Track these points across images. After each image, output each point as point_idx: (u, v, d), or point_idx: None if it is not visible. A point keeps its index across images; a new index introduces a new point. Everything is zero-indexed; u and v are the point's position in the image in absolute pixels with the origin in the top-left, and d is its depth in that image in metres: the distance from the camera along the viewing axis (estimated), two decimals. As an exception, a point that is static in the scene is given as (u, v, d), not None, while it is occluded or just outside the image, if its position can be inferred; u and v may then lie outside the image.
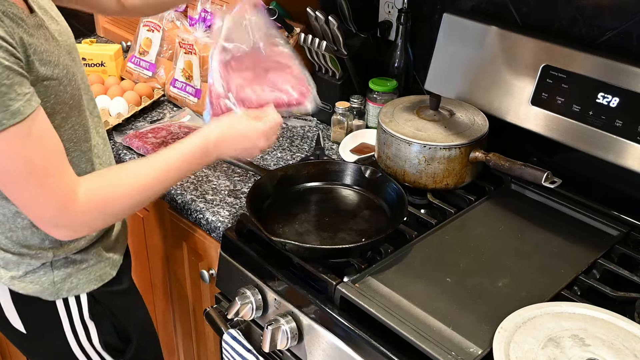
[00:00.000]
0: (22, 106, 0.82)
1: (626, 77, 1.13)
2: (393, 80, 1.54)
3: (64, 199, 0.89)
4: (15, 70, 0.82)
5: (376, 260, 1.07)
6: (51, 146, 0.89)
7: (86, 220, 0.93)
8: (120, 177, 0.97)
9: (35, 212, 0.91)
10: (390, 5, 1.56)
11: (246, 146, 1.09)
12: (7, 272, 1.06)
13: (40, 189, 0.87)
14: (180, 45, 1.71)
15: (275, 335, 1.04)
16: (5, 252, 1.05)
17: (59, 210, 0.90)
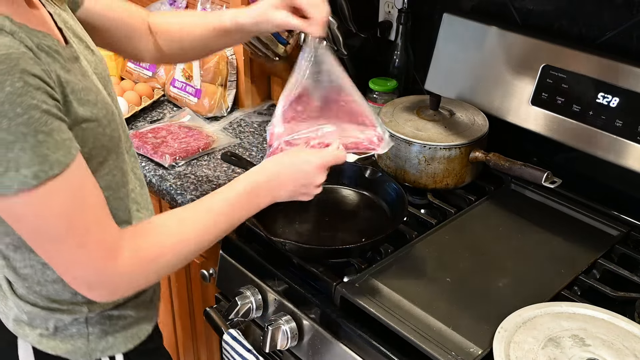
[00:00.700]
0: (62, 155, 0.72)
1: (626, 77, 1.13)
2: (393, 80, 1.54)
3: (105, 259, 0.78)
4: (54, 114, 0.72)
5: (376, 260, 1.07)
6: (93, 198, 0.78)
7: (127, 280, 0.82)
8: (167, 228, 0.86)
9: (71, 273, 0.80)
10: (390, 5, 1.56)
11: (303, 182, 0.96)
12: (33, 329, 0.93)
13: (80, 248, 0.76)
14: (180, 45, 1.71)
15: (275, 335, 1.04)
16: (32, 306, 0.92)
17: (99, 271, 0.79)
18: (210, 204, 0.90)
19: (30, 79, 0.69)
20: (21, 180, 0.69)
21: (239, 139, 1.56)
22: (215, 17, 1.09)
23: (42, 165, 0.70)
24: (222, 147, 1.52)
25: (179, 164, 1.44)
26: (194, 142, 1.51)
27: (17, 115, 0.67)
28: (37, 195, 0.71)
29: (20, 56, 0.68)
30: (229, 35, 1.09)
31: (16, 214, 0.74)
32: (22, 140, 0.68)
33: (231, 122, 1.65)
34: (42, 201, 0.72)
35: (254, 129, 1.62)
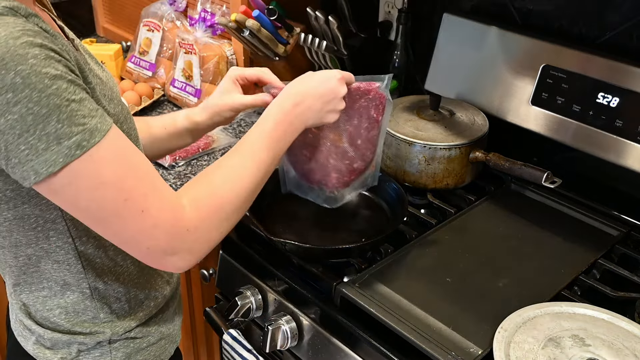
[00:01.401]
0: (100, 122, 0.70)
1: (626, 77, 1.13)
2: (393, 80, 1.54)
3: (171, 219, 0.75)
4: (80, 85, 0.70)
5: (376, 260, 1.07)
6: (141, 162, 0.75)
7: (200, 235, 0.79)
8: (218, 176, 0.84)
9: (143, 244, 0.76)
10: (390, 5, 1.56)
11: (328, 98, 0.93)
12: (55, 353, 0.91)
13: (144, 214, 0.73)
14: (180, 45, 1.71)
15: (275, 335, 1.04)
16: (53, 332, 0.89)
17: (169, 233, 0.76)
18: (250, 144, 0.88)
19: (50, 52, 0.67)
20: (65, 153, 0.67)
21: (239, 139, 1.56)
22: (169, 118, 1.09)
23: (83, 134, 0.67)
24: (222, 147, 1.52)
25: (178, 164, 1.44)
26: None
27: (46, 86, 0.65)
28: (85, 165, 0.68)
29: (37, 33, 0.67)
30: (182, 136, 1.09)
31: (69, 193, 0.70)
32: (56, 111, 0.66)
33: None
34: (92, 171, 0.69)
35: (254, 129, 1.62)
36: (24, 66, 0.64)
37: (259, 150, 0.88)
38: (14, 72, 0.63)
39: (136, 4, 1.98)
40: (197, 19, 1.72)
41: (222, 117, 1.05)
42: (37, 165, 0.67)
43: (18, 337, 0.95)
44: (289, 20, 1.52)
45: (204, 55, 1.65)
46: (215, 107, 1.04)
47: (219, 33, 1.71)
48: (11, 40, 0.64)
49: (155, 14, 1.83)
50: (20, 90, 0.64)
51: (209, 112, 1.05)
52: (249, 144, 0.88)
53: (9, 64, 0.63)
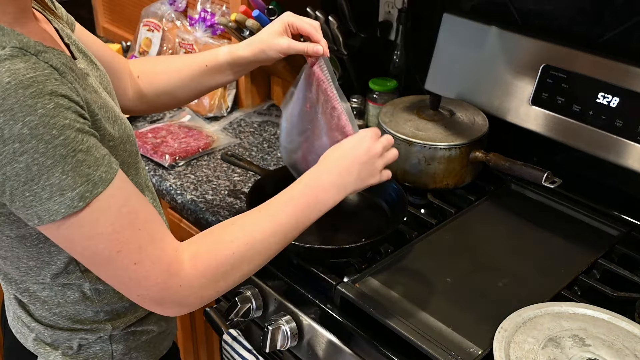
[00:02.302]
0: (104, 172, 0.70)
1: (626, 77, 1.13)
2: (393, 80, 1.53)
3: (165, 274, 0.75)
4: (88, 131, 0.70)
5: (376, 260, 1.07)
6: (142, 212, 0.75)
7: (195, 292, 0.78)
8: (227, 232, 0.81)
9: (134, 292, 0.76)
10: (390, 5, 1.56)
11: (365, 158, 0.90)
12: (55, 349, 0.92)
13: (136, 265, 0.74)
14: (180, 45, 1.71)
15: (275, 335, 1.04)
16: (53, 329, 0.90)
17: (161, 287, 0.75)
18: (272, 206, 0.85)
19: (60, 99, 0.67)
20: (68, 204, 0.68)
21: (239, 139, 1.56)
22: (208, 55, 1.08)
23: (87, 185, 0.68)
24: (222, 147, 1.52)
25: (178, 164, 1.44)
26: (193, 142, 1.51)
27: (53, 137, 0.65)
28: (85, 216, 0.69)
29: (47, 77, 0.67)
30: (224, 72, 1.07)
31: (67, 238, 0.71)
32: (61, 162, 0.66)
33: (231, 122, 1.65)
34: (90, 223, 0.70)
35: (254, 129, 1.62)
36: (33, 117, 0.64)
37: (279, 213, 0.84)
38: (22, 123, 0.64)
39: (136, 4, 1.98)
40: (197, 19, 1.72)
41: (267, 55, 1.02)
42: (40, 212, 0.68)
43: (17, 335, 0.95)
44: (289, 20, 1.52)
45: (204, 55, 1.65)
46: (262, 44, 1.01)
47: (219, 33, 1.71)
48: (21, 90, 0.64)
49: (155, 14, 1.83)
50: (27, 141, 0.64)
51: (254, 48, 1.02)
52: (271, 205, 0.85)
53: (18, 114, 0.64)
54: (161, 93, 1.11)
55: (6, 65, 0.64)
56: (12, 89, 0.64)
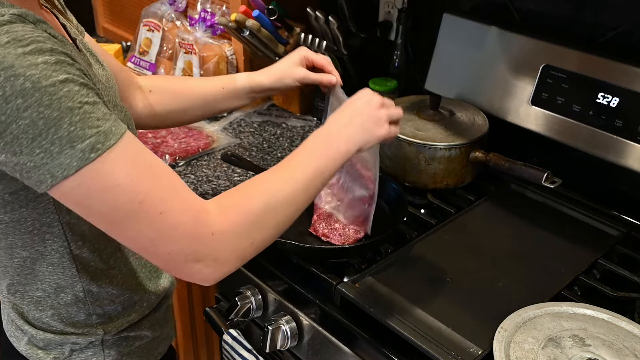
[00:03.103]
0: (114, 126, 0.68)
1: (626, 77, 1.13)
2: (393, 80, 1.54)
3: (194, 222, 0.71)
4: (93, 88, 0.69)
5: (376, 260, 1.07)
6: (158, 165, 0.73)
7: (229, 241, 0.74)
8: (250, 186, 0.80)
9: (164, 250, 0.71)
10: (390, 5, 1.56)
11: (367, 110, 0.92)
12: (47, 353, 0.91)
13: (162, 216, 0.70)
14: (180, 45, 1.71)
15: (275, 335, 1.04)
16: (45, 332, 0.89)
17: (194, 236, 0.71)
18: (287, 160, 0.85)
19: (62, 56, 0.66)
20: (79, 157, 0.65)
21: (239, 139, 1.56)
22: (226, 78, 1.13)
23: (97, 137, 0.66)
24: (222, 147, 1.52)
25: (178, 164, 1.44)
26: (193, 142, 1.51)
27: (57, 89, 0.64)
28: (99, 168, 0.66)
29: (47, 39, 0.66)
30: (240, 97, 1.12)
31: (83, 195, 0.68)
32: (68, 114, 0.64)
33: (231, 122, 1.65)
34: (106, 174, 0.67)
35: (254, 129, 1.62)
36: (34, 70, 0.63)
37: (298, 162, 0.85)
38: (24, 78, 0.63)
39: (136, 4, 1.98)
40: (197, 19, 1.72)
41: (284, 83, 1.09)
42: (52, 168, 0.65)
43: (10, 338, 0.95)
44: (289, 20, 1.52)
45: (204, 55, 1.65)
46: (281, 73, 1.09)
47: (219, 33, 1.71)
48: (20, 47, 0.63)
49: (155, 14, 1.83)
50: (30, 95, 0.63)
51: (273, 76, 1.10)
52: (288, 159, 0.85)
53: (19, 69, 0.62)
54: (173, 110, 1.13)
55: (5, 28, 0.64)
56: (11, 47, 0.63)
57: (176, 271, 0.74)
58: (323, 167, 0.85)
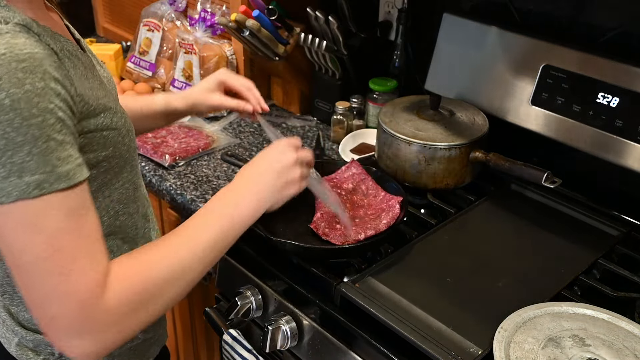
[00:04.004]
0: (72, 170, 0.67)
1: (626, 77, 1.13)
2: (393, 80, 1.54)
3: (89, 293, 0.68)
4: (70, 127, 0.68)
5: (376, 260, 1.07)
6: (89, 226, 0.70)
7: (114, 319, 0.71)
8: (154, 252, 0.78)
9: (48, 310, 0.68)
10: (390, 5, 1.56)
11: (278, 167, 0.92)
12: (38, 355, 0.90)
13: (62, 276, 0.67)
14: (180, 45, 1.71)
15: (275, 335, 1.04)
16: (35, 334, 0.88)
17: (81, 307, 0.68)
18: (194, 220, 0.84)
19: (52, 82, 0.65)
20: (22, 189, 0.63)
21: (239, 139, 1.57)
22: (146, 100, 1.13)
23: (48, 176, 0.64)
24: (222, 147, 1.52)
25: (178, 164, 1.44)
26: (194, 142, 1.51)
27: (31, 115, 0.63)
28: (33, 207, 0.65)
29: (45, 58, 0.65)
30: (157, 119, 1.14)
31: (5, 224, 0.66)
32: (31, 143, 0.63)
33: (231, 122, 1.65)
34: (36, 216, 0.65)
35: (254, 129, 1.62)
36: (18, 90, 0.62)
37: (201, 227, 0.82)
38: (5, 93, 0.62)
39: (136, 4, 1.98)
40: (197, 19, 1.72)
41: (198, 109, 1.14)
42: None
43: (1, 339, 0.94)
44: (289, 20, 1.52)
45: (204, 55, 1.65)
46: (195, 100, 1.12)
47: (219, 33, 1.71)
48: (14, 62, 0.63)
49: (155, 14, 1.83)
50: (4, 112, 0.62)
51: (188, 102, 1.12)
52: (193, 220, 0.83)
53: (4, 84, 0.62)
54: None
55: (6, 38, 0.64)
56: (6, 59, 0.62)
57: (54, 338, 0.71)
58: (225, 238, 0.84)
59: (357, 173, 1.21)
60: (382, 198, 1.15)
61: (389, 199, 1.14)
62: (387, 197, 1.15)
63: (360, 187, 1.19)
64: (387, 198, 1.15)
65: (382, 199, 1.15)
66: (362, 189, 1.19)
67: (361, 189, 1.19)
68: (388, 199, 1.14)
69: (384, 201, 1.14)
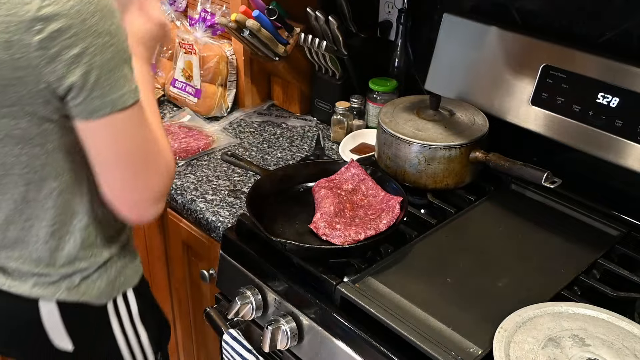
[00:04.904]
0: (137, 86, 0.82)
1: (626, 77, 1.13)
2: (393, 80, 1.54)
3: (174, 162, 0.92)
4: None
5: (376, 260, 1.07)
6: (155, 119, 0.90)
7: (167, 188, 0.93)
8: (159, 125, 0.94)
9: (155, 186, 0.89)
10: (390, 5, 1.56)
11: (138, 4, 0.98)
12: (58, 285, 0.97)
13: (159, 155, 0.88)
14: (180, 45, 1.71)
15: (275, 335, 1.04)
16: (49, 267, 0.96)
17: (172, 177, 0.92)
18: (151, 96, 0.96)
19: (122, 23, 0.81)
20: (133, 95, 0.81)
21: (239, 139, 1.57)
22: None
23: (131, 92, 0.81)
24: (222, 147, 1.52)
25: (178, 164, 1.44)
26: (194, 142, 1.51)
27: (125, 38, 0.80)
28: (137, 108, 0.83)
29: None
30: None
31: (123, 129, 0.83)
32: (129, 60, 0.81)
33: (231, 122, 1.65)
34: (128, 123, 0.82)
35: (254, 129, 1.62)
36: (116, 19, 0.78)
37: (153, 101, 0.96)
38: (111, 21, 0.77)
39: (136, 4, 1.98)
40: (197, 19, 1.72)
41: None
42: (115, 99, 0.79)
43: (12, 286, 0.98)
44: (289, 20, 1.52)
45: (204, 55, 1.65)
46: None
47: (219, 33, 1.71)
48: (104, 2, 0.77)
49: (155, 14, 1.83)
50: (114, 35, 0.77)
51: None
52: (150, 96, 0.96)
53: (107, 14, 0.77)
54: None
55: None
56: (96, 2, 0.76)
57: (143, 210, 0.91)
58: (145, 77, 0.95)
59: (357, 173, 1.21)
60: (382, 198, 1.15)
61: (389, 199, 1.14)
62: (387, 197, 1.15)
63: (360, 187, 1.19)
64: (387, 198, 1.15)
65: (382, 199, 1.15)
66: (362, 189, 1.19)
67: (361, 189, 1.19)
68: (388, 199, 1.14)
69: (384, 201, 1.14)
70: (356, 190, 1.19)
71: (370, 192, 1.18)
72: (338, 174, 1.22)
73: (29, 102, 0.80)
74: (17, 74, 0.77)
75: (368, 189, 1.19)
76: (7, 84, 0.78)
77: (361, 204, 1.16)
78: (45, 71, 0.76)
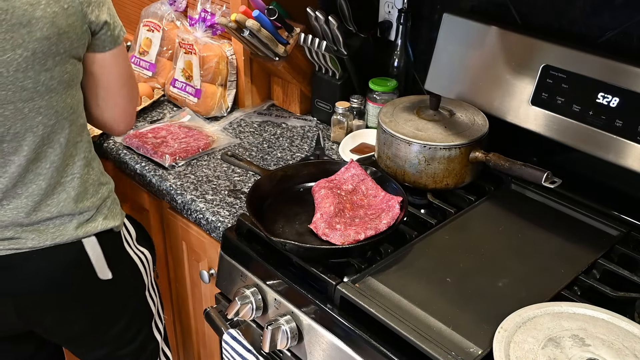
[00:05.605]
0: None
1: (626, 77, 1.13)
2: (393, 80, 1.54)
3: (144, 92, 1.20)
4: None
5: (376, 260, 1.07)
6: None
7: None
8: None
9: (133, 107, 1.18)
10: (390, 5, 1.56)
11: None
12: (95, 221, 1.14)
13: (136, 84, 1.19)
14: (180, 45, 1.71)
15: (275, 335, 1.04)
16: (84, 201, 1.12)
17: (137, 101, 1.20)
18: None
19: None
20: (123, 29, 1.09)
21: (239, 139, 1.57)
22: None
23: (122, 29, 1.09)
24: (222, 147, 1.52)
25: (178, 164, 1.44)
26: (194, 142, 1.51)
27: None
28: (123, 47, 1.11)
29: None
30: None
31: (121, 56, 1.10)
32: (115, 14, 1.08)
33: (231, 122, 1.65)
34: (124, 53, 1.11)
35: (254, 129, 1.62)
36: None
37: None
38: None
39: (136, 4, 1.98)
40: (197, 19, 1.72)
41: None
42: (119, 34, 1.08)
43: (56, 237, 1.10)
44: (289, 20, 1.52)
45: (204, 55, 1.65)
46: None
47: (219, 33, 1.71)
48: None
49: (155, 14, 1.83)
50: None
51: None
52: None
53: None
54: None
55: None
56: None
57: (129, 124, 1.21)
58: None
59: (357, 174, 1.21)
60: (382, 198, 1.15)
61: (389, 199, 1.14)
62: (387, 197, 1.15)
63: (360, 187, 1.19)
64: (387, 198, 1.15)
65: (382, 199, 1.15)
66: (362, 190, 1.19)
67: (361, 189, 1.19)
68: (388, 199, 1.14)
69: (384, 201, 1.14)
70: (356, 190, 1.19)
71: (370, 192, 1.18)
72: (338, 174, 1.22)
73: (76, 46, 0.99)
74: (70, 21, 0.96)
75: (368, 189, 1.19)
76: (62, 32, 0.96)
77: (361, 204, 1.16)
78: (87, 12, 0.98)
